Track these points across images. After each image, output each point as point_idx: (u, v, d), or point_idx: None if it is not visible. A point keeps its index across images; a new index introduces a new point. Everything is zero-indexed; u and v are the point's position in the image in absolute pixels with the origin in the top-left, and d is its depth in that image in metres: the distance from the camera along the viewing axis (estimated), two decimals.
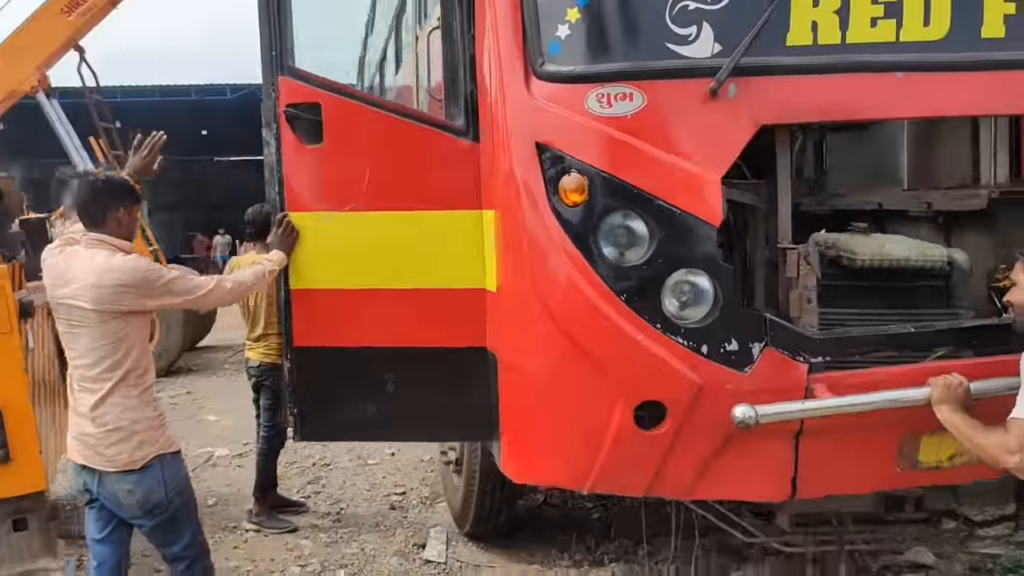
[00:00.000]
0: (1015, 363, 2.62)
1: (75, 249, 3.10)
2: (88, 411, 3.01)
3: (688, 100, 2.75)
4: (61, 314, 3.06)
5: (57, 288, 3.04)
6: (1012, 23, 2.88)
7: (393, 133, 3.35)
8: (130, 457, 3.01)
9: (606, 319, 2.76)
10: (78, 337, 3.02)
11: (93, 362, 3.00)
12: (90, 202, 3.11)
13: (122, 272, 2.98)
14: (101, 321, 2.97)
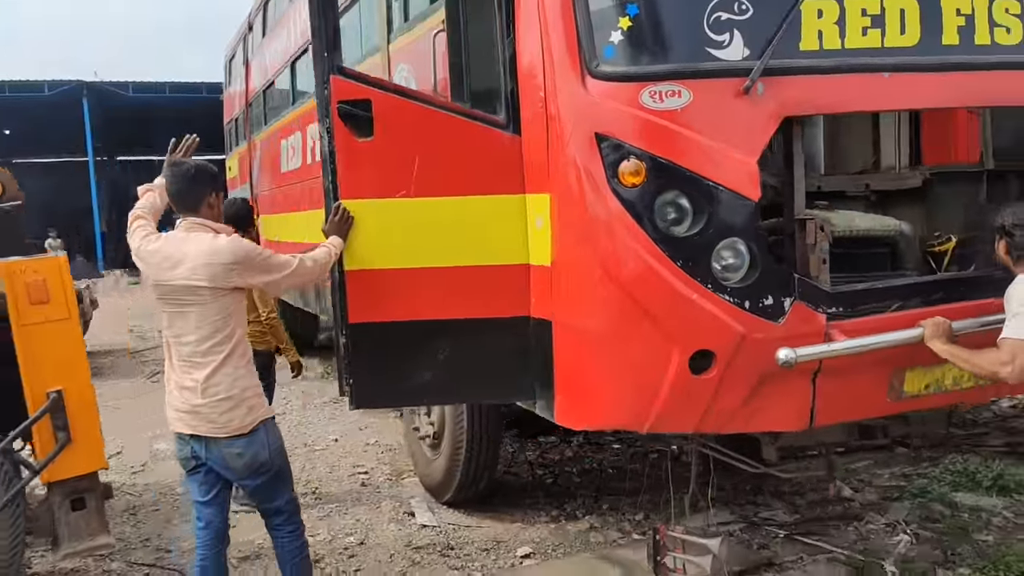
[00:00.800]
0: (976, 307, 3.33)
1: (177, 234, 3.32)
2: (200, 383, 3.26)
3: (726, 96, 3.27)
4: (168, 295, 3.29)
5: (164, 272, 3.28)
6: (963, 33, 3.57)
7: (438, 126, 3.72)
8: (241, 422, 3.29)
9: (664, 282, 3.25)
10: (187, 316, 3.26)
11: (204, 336, 3.26)
12: (186, 189, 3.36)
13: (232, 251, 3.25)
14: (214, 298, 3.23)
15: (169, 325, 3.35)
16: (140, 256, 3.39)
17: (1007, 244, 3.22)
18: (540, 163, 3.55)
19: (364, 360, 3.80)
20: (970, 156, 4.50)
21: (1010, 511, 5.03)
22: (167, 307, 3.33)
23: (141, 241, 3.39)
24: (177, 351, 3.34)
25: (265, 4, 9.99)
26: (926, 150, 4.60)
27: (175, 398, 3.36)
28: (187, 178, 3.40)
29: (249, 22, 10.96)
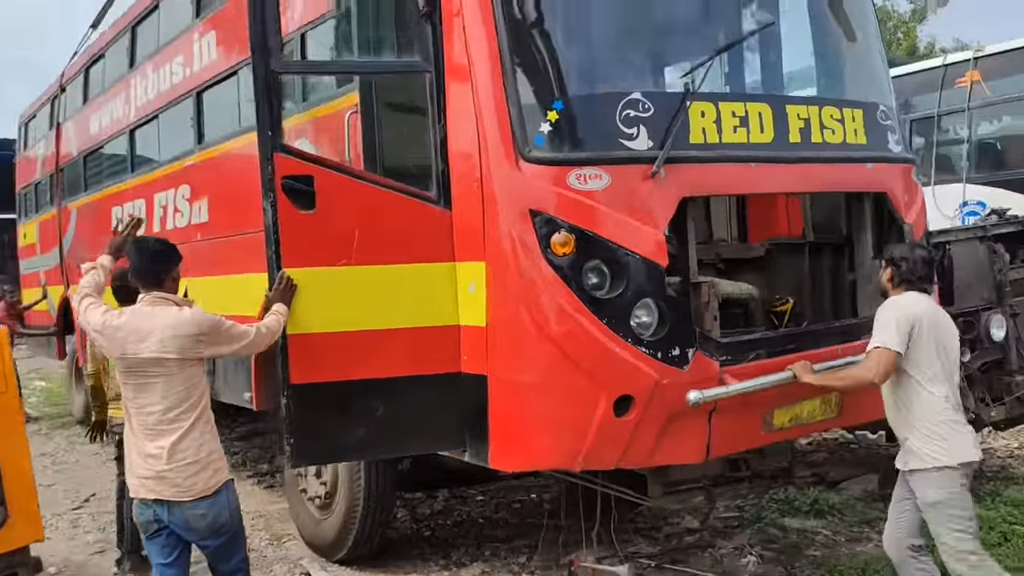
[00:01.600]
0: (827, 352, 4.14)
1: (141, 308, 3.45)
2: (165, 450, 3.39)
3: (637, 179, 3.90)
4: (134, 367, 3.41)
5: (131, 345, 3.41)
6: (803, 133, 4.44)
7: (375, 200, 4.09)
8: (205, 484, 3.43)
9: (592, 337, 3.79)
10: (154, 387, 3.41)
11: (171, 405, 3.41)
12: (151, 266, 3.53)
13: (198, 323, 3.43)
14: (180, 368, 3.39)
15: (134, 396, 3.47)
16: (103, 332, 3.49)
17: (892, 271, 3.93)
18: (474, 235, 4.00)
19: (305, 419, 4.02)
20: (792, 230, 5.44)
21: (828, 530, 5.91)
22: (132, 379, 3.46)
23: (103, 317, 3.50)
24: (141, 420, 3.45)
25: (87, 69, 9.76)
26: (751, 226, 5.50)
27: (138, 465, 3.46)
28: (152, 255, 3.58)
29: (61, 84, 10.59)
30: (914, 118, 10.83)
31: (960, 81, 10.43)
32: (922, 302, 3.86)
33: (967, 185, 10.21)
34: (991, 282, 5.85)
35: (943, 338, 3.85)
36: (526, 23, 4.02)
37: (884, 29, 28.17)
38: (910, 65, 12.48)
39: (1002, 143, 10.82)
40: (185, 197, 7.04)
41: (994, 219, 6.35)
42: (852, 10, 5.13)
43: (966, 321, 5.58)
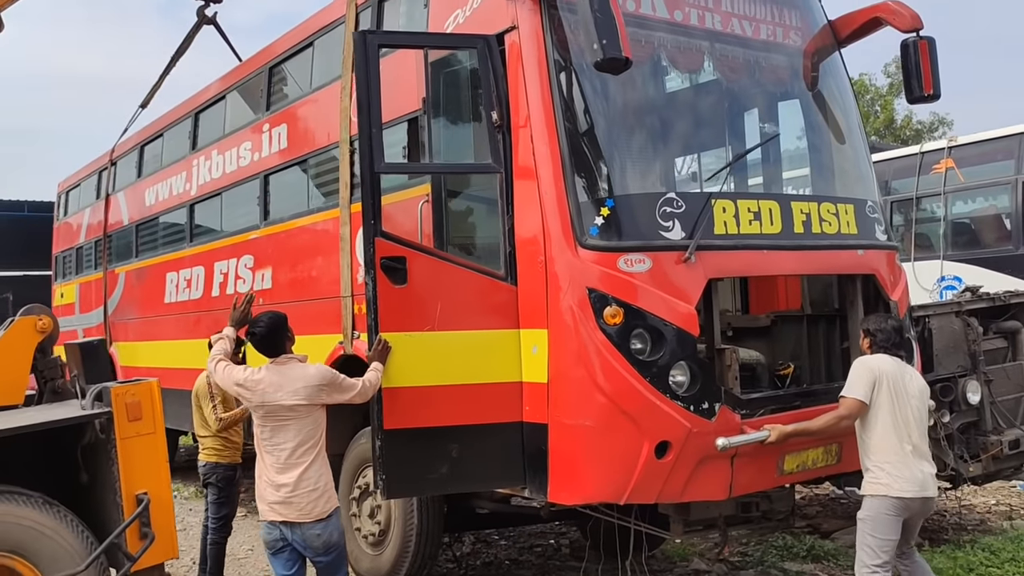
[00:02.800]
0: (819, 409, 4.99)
1: (272, 367, 4.36)
2: (294, 480, 4.24)
3: (672, 263, 4.78)
4: (272, 413, 4.28)
5: (270, 395, 4.28)
6: (806, 224, 5.36)
7: (455, 277, 4.95)
8: (322, 509, 4.29)
9: (638, 392, 4.62)
10: (288, 428, 4.28)
11: (300, 443, 4.28)
12: (274, 336, 4.44)
13: (321, 375, 4.33)
14: (308, 413, 4.28)
15: (270, 437, 4.32)
16: (246, 386, 4.35)
17: (870, 340, 4.79)
18: (537, 306, 4.85)
19: (395, 458, 4.81)
20: (791, 304, 6.31)
21: (824, 572, 6.67)
22: (269, 422, 4.31)
23: (245, 374, 4.38)
24: (275, 456, 4.30)
25: (142, 146, 10.66)
26: (752, 299, 6.36)
27: (268, 493, 4.31)
28: (274, 328, 4.47)
29: (112, 159, 11.47)
30: (895, 199, 11.89)
31: (936, 167, 11.51)
32: (888, 362, 4.68)
33: (944, 262, 11.20)
34: (966, 351, 6.59)
35: (906, 391, 4.62)
36: (582, 135, 4.92)
37: (862, 102, 29.56)
38: (891, 151, 13.61)
39: (975, 224, 11.83)
40: (248, 266, 7.89)
41: (968, 296, 7.18)
42: (843, 122, 6.12)
43: (944, 386, 6.34)
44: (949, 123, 28.93)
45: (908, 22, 5.91)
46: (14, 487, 4.09)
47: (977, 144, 11.36)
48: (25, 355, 4.76)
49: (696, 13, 5.57)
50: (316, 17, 7.15)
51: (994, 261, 10.60)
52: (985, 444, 6.57)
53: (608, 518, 5.32)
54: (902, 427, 4.60)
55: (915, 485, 4.55)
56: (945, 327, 6.59)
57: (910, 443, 4.61)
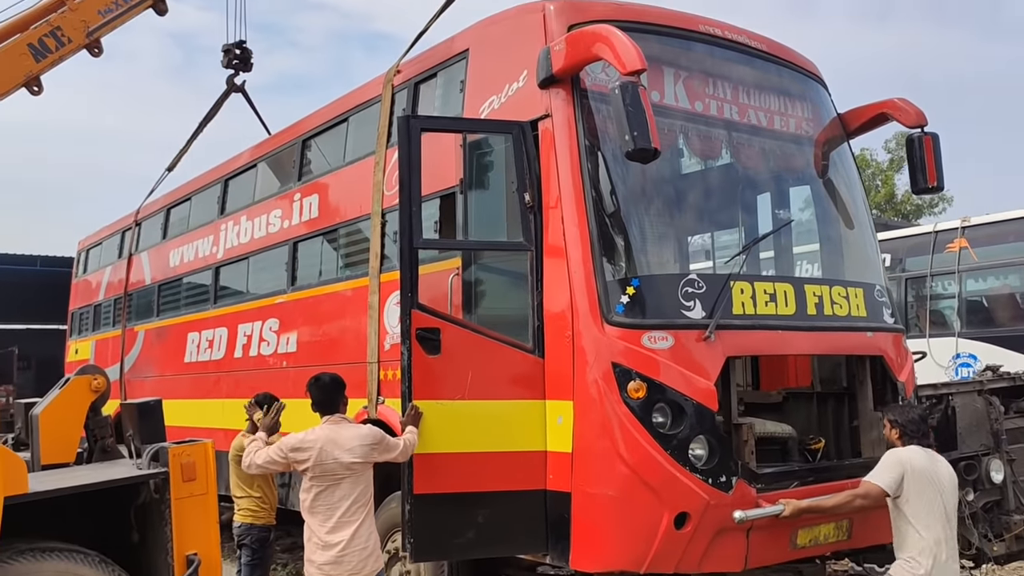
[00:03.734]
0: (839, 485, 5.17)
1: (327, 427, 4.62)
2: (347, 539, 4.46)
3: (693, 341, 5.03)
4: (328, 472, 4.52)
5: (325, 454, 4.52)
6: (818, 306, 5.63)
7: (485, 349, 5.19)
8: (372, 568, 4.51)
9: (659, 464, 4.82)
10: (341, 486, 4.50)
11: (353, 501, 4.50)
12: (330, 398, 4.78)
13: (372, 436, 4.59)
14: (362, 471, 4.52)
15: (325, 496, 4.54)
16: (303, 447, 4.59)
17: (899, 431, 4.89)
18: (564, 378, 5.08)
19: (423, 522, 4.99)
20: (800, 382, 6.54)
21: None
22: (324, 482, 4.54)
23: (301, 436, 4.64)
24: (326, 515, 4.51)
25: (169, 208, 10.99)
26: (763, 376, 6.60)
27: (318, 555, 4.51)
28: (329, 389, 4.79)
29: (137, 220, 11.80)
30: (909, 276, 12.09)
31: (950, 246, 11.74)
32: (920, 455, 4.79)
33: (959, 339, 11.30)
34: (989, 430, 6.60)
35: (940, 484, 4.72)
36: (609, 217, 5.22)
37: (863, 176, 30.00)
38: (905, 229, 13.91)
39: (989, 302, 11.98)
40: (273, 329, 8.13)
41: (989, 375, 7.31)
42: (852, 209, 6.45)
43: (968, 464, 6.36)
44: (949, 199, 29.18)
45: (913, 118, 6.27)
46: (73, 545, 4.21)
47: (990, 225, 11.57)
48: (79, 414, 4.95)
49: (715, 104, 5.93)
50: (351, 95, 7.53)
51: (1009, 340, 10.73)
52: (1008, 523, 6.60)
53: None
54: (937, 523, 4.67)
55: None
56: (968, 405, 6.65)
57: (945, 541, 4.66)
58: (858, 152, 29.32)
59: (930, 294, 11.92)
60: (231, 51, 11.32)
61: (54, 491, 4.15)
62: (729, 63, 5.97)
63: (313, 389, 4.90)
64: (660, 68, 5.60)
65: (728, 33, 5.95)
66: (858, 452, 5.94)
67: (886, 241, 12.51)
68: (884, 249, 12.16)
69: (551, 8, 5.49)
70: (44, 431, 4.95)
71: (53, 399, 5.08)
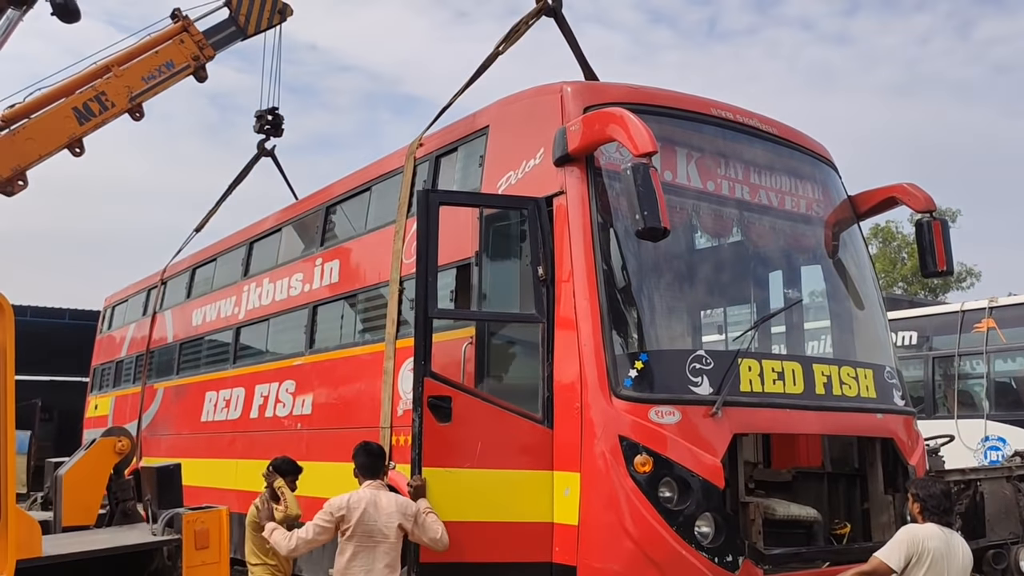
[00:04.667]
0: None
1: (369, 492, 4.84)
2: None
3: (700, 416, 5.09)
4: (368, 533, 4.69)
5: (368, 516, 4.71)
6: (827, 386, 5.67)
7: (496, 418, 5.27)
8: None
9: (664, 540, 4.84)
10: (378, 549, 4.69)
11: (387, 564, 4.67)
12: (373, 464, 5.01)
13: (408, 505, 4.78)
14: (396, 536, 4.70)
15: (364, 558, 4.69)
16: (349, 506, 4.75)
17: (920, 506, 4.70)
18: (572, 450, 5.14)
19: None
20: (811, 461, 6.53)
21: None
22: (365, 543, 4.69)
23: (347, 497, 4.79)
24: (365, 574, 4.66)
25: (194, 269, 11.24)
26: (774, 454, 6.58)
27: None
28: (375, 455, 5.06)
29: (163, 279, 12.05)
30: (936, 355, 11.95)
31: (977, 326, 11.61)
32: (936, 535, 4.57)
33: (988, 421, 11.09)
34: (1018, 518, 6.49)
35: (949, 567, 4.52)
36: (620, 292, 5.33)
37: (889, 249, 29.91)
38: (932, 307, 13.83)
39: (1018, 384, 11.82)
40: (289, 391, 8.24)
41: (1018, 460, 7.22)
42: (862, 290, 6.52)
43: (996, 553, 6.23)
44: (977, 274, 28.97)
45: (922, 203, 6.38)
46: None
47: (1018, 306, 11.50)
48: (102, 476, 5.05)
49: (727, 184, 6.08)
50: (375, 165, 7.76)
51: None
52: None
53: None
54: None
55: None
56: (996, 492, 6.54)
57: None
58: (883, 224, 29.39)
59: (958, 373, 11.77)
60: (263, 117, 11.68)
61: (67, 555, 4.22)
62: (740, 145, 6.14)
63: (361, 454, 5.09)
64: (673, 149, 5.77)
65: (739, 117, 6.13)
66: (869, 535, 5.90)
67: (912, 319, 12.50)
68: (910, 326, 12.21)
69: (568, 90, 5.69)
70: (67, 493, 5.05)
71: (78, 460, 5.19)
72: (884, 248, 29.85)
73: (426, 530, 4.83)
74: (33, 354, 20.70)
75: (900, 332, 11.75)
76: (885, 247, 30.07)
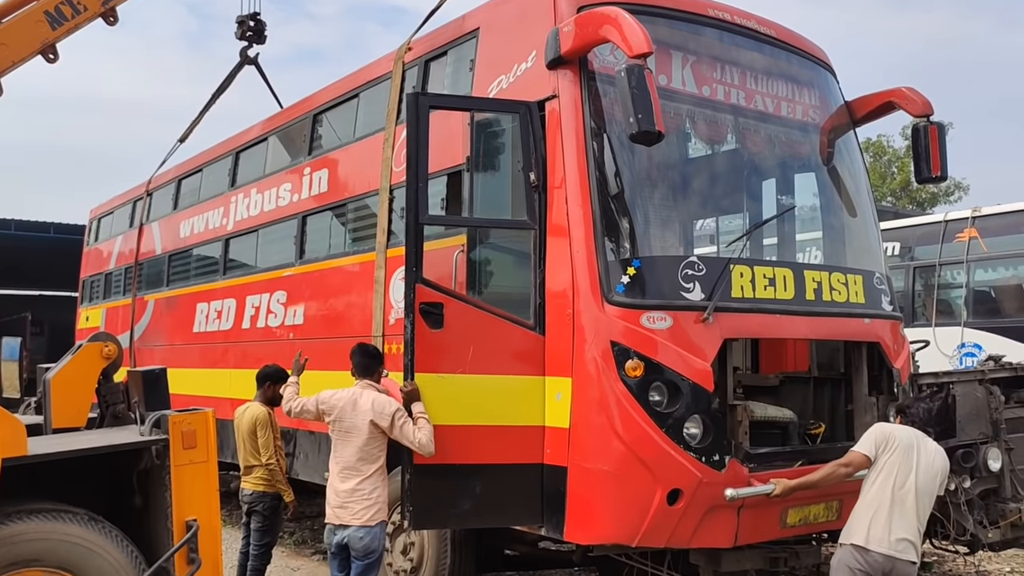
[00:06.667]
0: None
1: (355, 389, 5.10)
2: (349, 488, 4.94)
3: (691, 322, 5.12)
4: (342, 428, 5.04)
5: (346, 412, 5.03)
6: (817, 292, 5.70)
7: (487, 324, 5.29)
8: (369, 517, 4.95)
9: (654, 441, 4.92)
10: (349, 443, 5.00)
11: (361, 458, 4.94)
12: (366, 364, 5.22)
13: (384, 408, 4.97)
14: (371, 432, 4.97)
15: (338, 448, 5.04)
16: (328, 402, 5.11)
17: (902, 417, 4.93)
18: (563, 356, 5.18)
19: (422, 492, 5.11)
20: (798, 366, 6.62)
21: None
22: (339, 437, 5.02)
23: (328, 394, 5.15)
24: (340, 465, 5.02)
25: (180, 180, 11.10)
26: (762, 359, 6.67)
27: (332, 498, 5.03)
28: (368, 356, 5.28)
29: (148, 190, 11.91)
30: (917, 265, 12.08)
31: (959, 236, 11.69)
32: (907, 431, 4.80)
33: (965, 329, 11.31)
34: (988, 419, 6.55)
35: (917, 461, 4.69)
36: (612, 198, 5.27)
37: (879, 164, 29.92)
38: (915, 218, 13.85)
39: (997, 293, 11.98)
40: (280, 301, 8.24)
41: (991, 364, 7.37)
42: (855, 197, 6.50)
43: (966, 452, 6.37)
44: (965, 188, 29.13)
45: (920, 107, 6.32)
46: (59, 504, 4.29)
47: (1001, 215, 11.53)
48: (90, 380, 5.06)
49: (722, 89, 5.99)
50: (362, 71, 7.60)
51: (1015, 330, 10.71)
52: (1004, 511, 6.56)
53: (642, 566, 5.59)
54: (898, 490, 4.65)
55: (883, 544, 4.58)
56: (968, 394, 6.66)
57: (899, 507, 4.62)
58: (875, 139, 29.30)
59: (938, 283, 11.90)
60: (245, 23, 11.34)
61: (52, 454, 4.25)
62: (737, 48, 6.02)
63: (356, 355, 5.34)
64: (668, 52, 5.66)
65: (737, 18, 6.00)
66: (852, 436, 6.02)
67: (896, 229, 12.54)
68: (894, 237, 12.25)
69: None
70: (56, 396, 5.07)
71: (65, 364, 5.19)
72: (875, 163, 29.76)
73: (403, 434, 4.99)
74: (19, 268, 20.69)
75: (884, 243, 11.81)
76: (875, 162, 29.99)
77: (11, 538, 4.09)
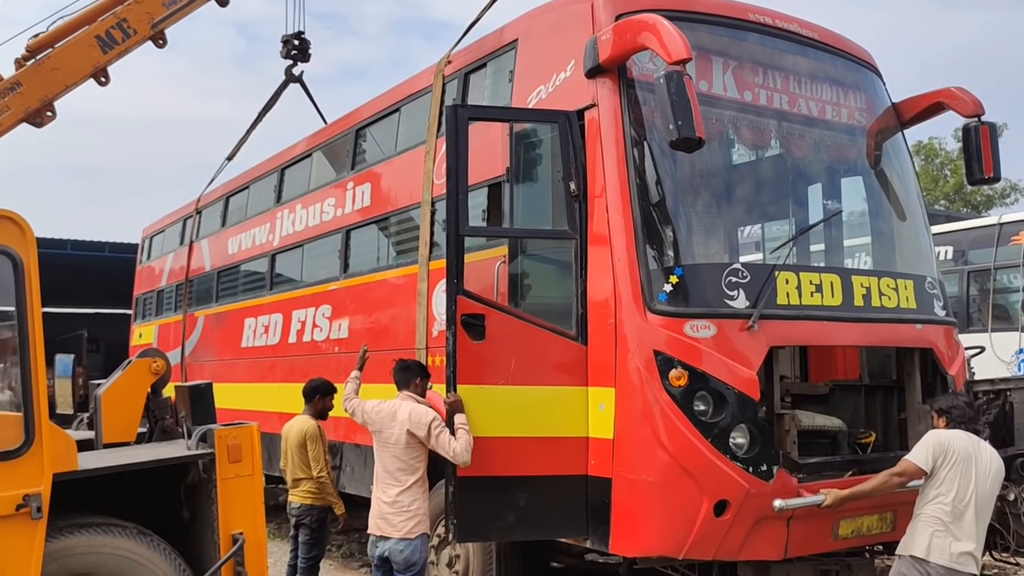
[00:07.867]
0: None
1: (395, 401, 5.15)
2: (391, 499, 4.93)
3: (736, 330, 5.04)
4: (382, 439, 5.09)
5: (386, 423, 5.07)
6: (865, 298, 5.58)
7: (529, 335, 5.27)
8: (410, 529, 4.93)
9: (699, 452, 4.85)
10: (386, 453, 5.03)
11: (400, 468, 4.97)
12: (403, 377, 5.26)
13: (420, 418, 4.97)
14: (408, 443, 4.98)
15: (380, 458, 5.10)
16: (370, 414, 5.19)
17: (945, 419, 4.72)
18: (606, 366, 5.13)
19: (466, 504, 5.09)
20: (849, 374, 6.48)
21: None
22: (379, 447, 5.07)
23: (372, 404, 5.26)
24: (380, 476, 5.04)
25: (228, 197, 11.28)
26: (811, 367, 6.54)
27: (374, 508, 5.05)
28: (403, 369, 5.29)
29: (198, 208, 12.12)
30: (971, 270, 11.79)
31: (1015, 239, 11.40)
32: (961, 437, 4.60)
33: (1022, 334, 10.99)
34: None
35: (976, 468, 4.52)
36: (654, 206, 5.24)
37: (932, 166, 29.32)
38: (969, 221, 13.50)
39: None
40: (326, 315, 8.31)
41: None
42: (904, 200, 6.36)
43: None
44: (1021, 189, 28.58)
45: (970, 108, 6.16)
46: (110, 518, 4.38)
47: None
48: (140, 395, 5.17)
49: (765, 94, 5.90)
50: (403, 85, 7.65)
51: None
52: None
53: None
54: (959, 503, 4.50)
55: (944, 556, 4.46)
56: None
57: (960, 519, 4.49)
58: (926, 141, 28.74)
59: (993, 287, 11.59)
60: (289, 41, 11.50)
61: (101, 469, 4.33)
62: (779, 52, 5.94)
63: (396, 370, 5.42)
64: (708, 57, 5.60)
65: (778, 22, 5.92)
66: (905, 445, 5.86)
67: (949, 233, 12.25)
68: (947, 241, 11.97)
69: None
70: (106, 411, 5.18)
71: (115, 380, 5.30)
72: (927, 166, 29.19)
73: (439, 444, 5.00)
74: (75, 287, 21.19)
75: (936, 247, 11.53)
76: (928, 164, 29.40)
77: (63, 552, 4.17)
